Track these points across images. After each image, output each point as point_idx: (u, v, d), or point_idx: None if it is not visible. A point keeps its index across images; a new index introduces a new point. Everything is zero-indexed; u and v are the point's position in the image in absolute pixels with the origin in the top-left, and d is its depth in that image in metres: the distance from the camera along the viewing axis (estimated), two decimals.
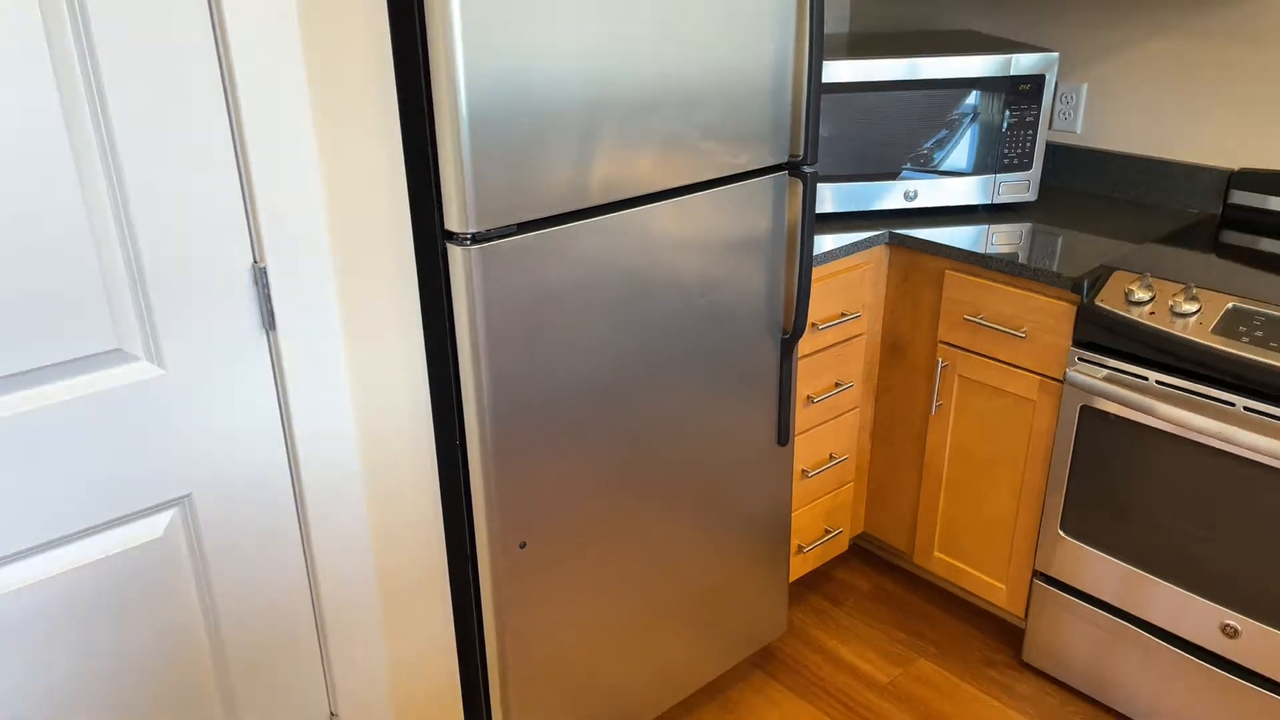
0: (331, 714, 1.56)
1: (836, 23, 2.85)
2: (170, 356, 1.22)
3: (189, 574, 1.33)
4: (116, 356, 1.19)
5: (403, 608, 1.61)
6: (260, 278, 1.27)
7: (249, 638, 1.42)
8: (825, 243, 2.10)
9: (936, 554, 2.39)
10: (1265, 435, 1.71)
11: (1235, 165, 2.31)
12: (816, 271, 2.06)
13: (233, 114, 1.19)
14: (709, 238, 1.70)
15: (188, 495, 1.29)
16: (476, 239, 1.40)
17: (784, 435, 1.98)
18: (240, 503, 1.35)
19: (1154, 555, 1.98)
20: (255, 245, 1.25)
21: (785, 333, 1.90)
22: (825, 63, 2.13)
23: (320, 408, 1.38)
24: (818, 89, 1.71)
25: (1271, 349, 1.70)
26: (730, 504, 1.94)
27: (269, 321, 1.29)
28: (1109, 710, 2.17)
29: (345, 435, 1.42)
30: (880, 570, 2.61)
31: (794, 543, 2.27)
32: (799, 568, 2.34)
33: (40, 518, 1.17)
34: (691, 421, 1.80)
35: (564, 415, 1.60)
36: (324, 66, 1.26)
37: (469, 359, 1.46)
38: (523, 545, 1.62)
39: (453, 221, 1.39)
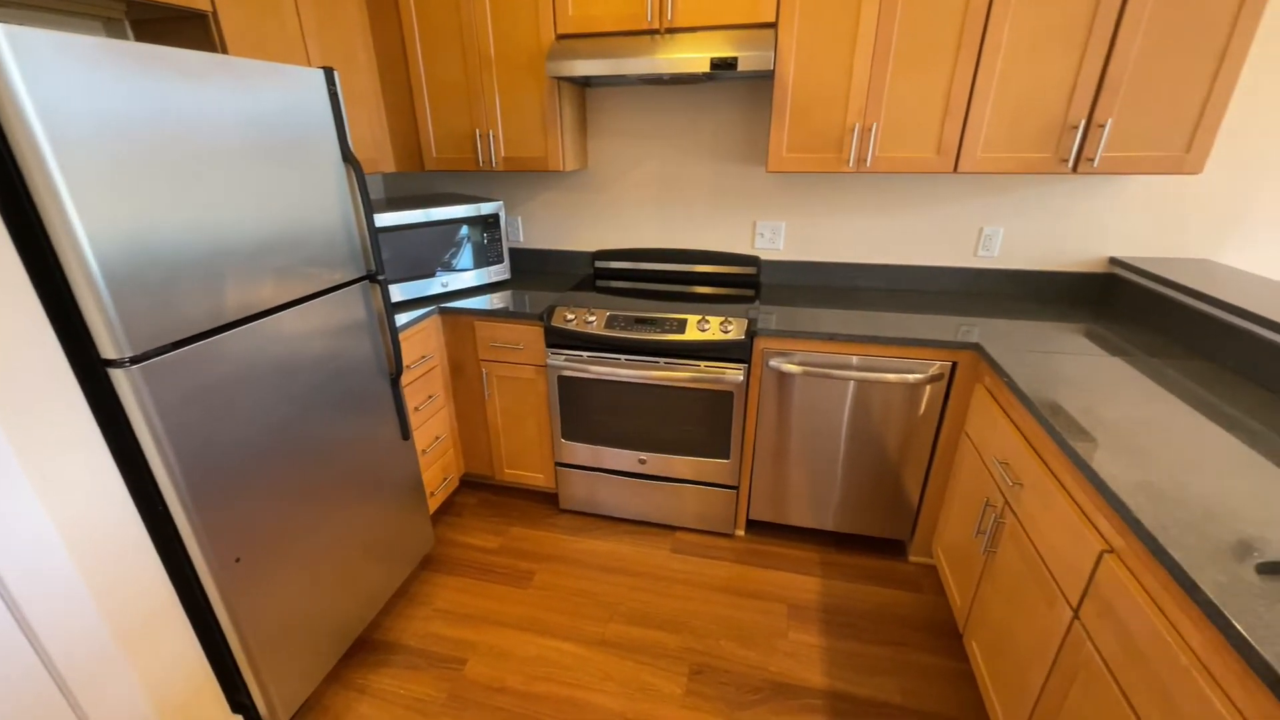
0: None
1: (377, 192, 2.64)
2: None
3: None
4: None
5: (142, 639, 1.17)
6: None
7: None
8: (403, 318, 1.95)
9: (506, 470, 2.35)
10: (634, 369, 1.98)
11: (594, 249, 2.51)
12: (402, 336, 1.92)
13: None
14: (328, 327, 1.48)
15: None
16: (134, 360, 1.04)
17: (406, 433, 1.81)
18: None
19: (602, 436, 2.13)
20: None
21: (391, 374, 1.73)
22: (376, 215, 1.97)
23: (10, 521, 0.92)
24: (374, 230, 1.58)
25: (627, 331, 1.95)
26: (383, 482, 1.73)
27: None
28: (600, 516, 2.31)
29: (45, 535, 0.97)
30: (480, 489, 2.51)
31: (427, 491, 2.11)
32: (433, 504, 2.17)
33: None
34: (345, 440, 1.56)
35: (250, 462, 1.28)
36: None
37: (153, 447, 1.10)
38: (238, 560, 1.27)
39: (108, 351, 1.02)
